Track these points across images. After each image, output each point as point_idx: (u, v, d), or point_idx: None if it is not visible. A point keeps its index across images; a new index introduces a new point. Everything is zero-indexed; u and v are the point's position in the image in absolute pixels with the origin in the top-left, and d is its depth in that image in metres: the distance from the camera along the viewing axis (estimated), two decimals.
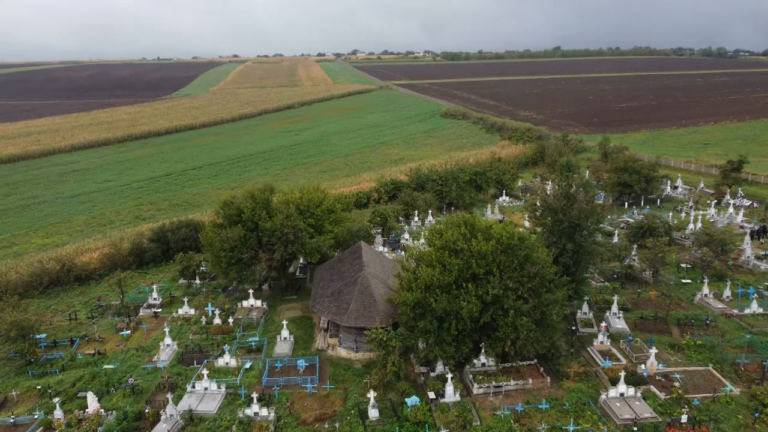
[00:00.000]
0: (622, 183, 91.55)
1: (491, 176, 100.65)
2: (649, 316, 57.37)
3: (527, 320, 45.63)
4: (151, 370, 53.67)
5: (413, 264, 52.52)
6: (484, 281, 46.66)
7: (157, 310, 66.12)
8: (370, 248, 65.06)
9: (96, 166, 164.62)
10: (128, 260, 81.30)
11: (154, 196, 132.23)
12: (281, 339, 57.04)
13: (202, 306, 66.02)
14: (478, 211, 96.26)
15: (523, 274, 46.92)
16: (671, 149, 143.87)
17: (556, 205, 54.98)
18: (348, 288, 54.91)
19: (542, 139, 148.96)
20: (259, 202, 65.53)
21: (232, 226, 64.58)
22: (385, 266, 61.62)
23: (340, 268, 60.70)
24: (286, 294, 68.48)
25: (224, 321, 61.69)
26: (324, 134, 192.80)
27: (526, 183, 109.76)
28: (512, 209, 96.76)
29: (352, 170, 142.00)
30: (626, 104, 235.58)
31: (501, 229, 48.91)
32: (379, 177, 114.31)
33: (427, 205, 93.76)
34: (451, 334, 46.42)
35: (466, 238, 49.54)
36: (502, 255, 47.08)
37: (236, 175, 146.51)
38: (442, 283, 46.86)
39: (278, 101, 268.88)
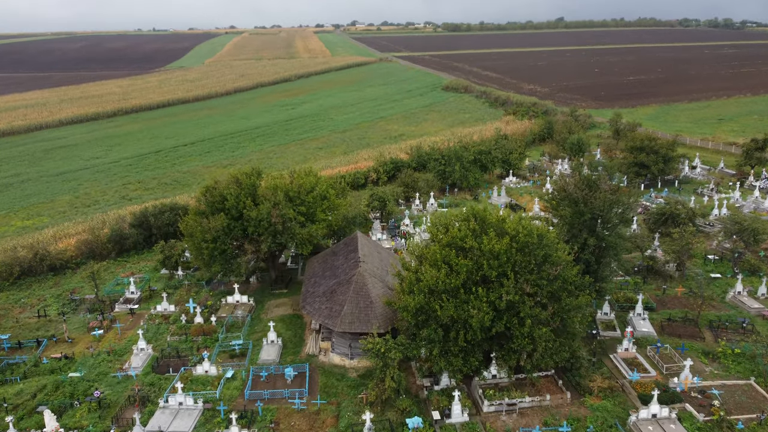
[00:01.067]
0: (639, 163, 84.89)
1: (497, 155, 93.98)
2: (678, 317, 51.34)
3: (546, 330, 39.58)
4: (122, 379, 47.81)
5: (415, 262, 46.23)
6: (496, 285, 40.46)
7: (133, 306, 60.08)
8: (367, 239, 58.76)
9: (83, 142, 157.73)
10: (107, 248, 75.14)
11: (142, 174, 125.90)
12: (268, 342, 51.11)
13: (183, 301, 60.00)
14: (483, 194, 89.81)
15: (542, 277, 40.72)
16: (684, 125, 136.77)
17: (576, 194, 48.48)
18: (342, 287, 48.76)
19: (549, 115, 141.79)
20: (244, 188, 59.09)
21: (215, 214, 58.26)
22: (383, 260, 55.42)
23: (334, 262, 54.48)
24: (276, 287, 62.40)
25: (206, 320, 55.73)
26: (321, 108, 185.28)
27: (533, 162, 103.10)
28: (520, 191, 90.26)
29: (349, 147, 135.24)
30: (633, 77, 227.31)
31: (516, 225, 42.52)
32: (378, 155, 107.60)
33: (428, 187, 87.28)
34: (458, 345, 40.42)
35: (475, 234, 43.23)
36: (517, 255, 40.80)
37: (229, 152, 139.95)
38: (448, 286, 40.69)
39: (274, 74, 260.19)
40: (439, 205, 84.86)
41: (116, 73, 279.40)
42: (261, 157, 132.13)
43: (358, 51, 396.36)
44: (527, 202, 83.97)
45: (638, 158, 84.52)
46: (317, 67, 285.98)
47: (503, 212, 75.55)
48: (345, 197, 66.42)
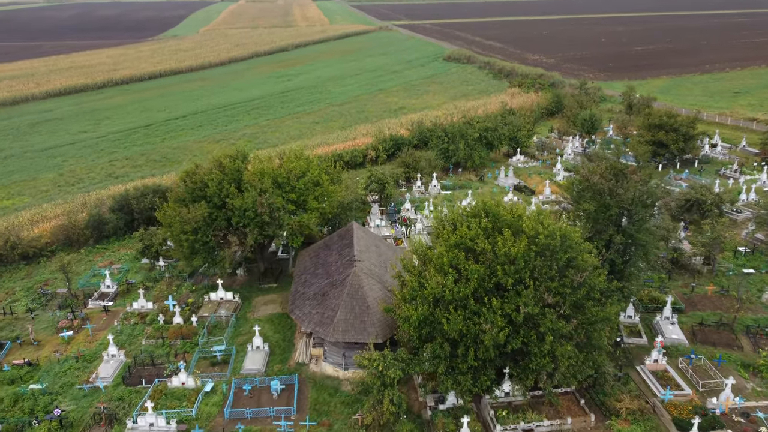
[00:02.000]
0: (657, 142, 78.50)
1: (504, 132, 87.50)
2: (711, 321, 45.77)
3: (570, 347, 34.01)
4: (89, 392, 42.48)
5: (418, 262, 40.37)
6: (512, 294, 34.74)
7: (107, 304, 54.49)
8: (364, 230, 52.84)
9: (71, 115, 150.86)
10: (84, 234, 69.29)
11: (130, 150, 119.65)
12: (253, 348, 45.65)
13: (163, 298, 54.47)
14: (489, 174, 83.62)
15: (565, 284, 34.97)
16: (698, 99, 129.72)
17: (602, 185, 42.37)
18: (335, 289, 43.05)
19: (556, 87, 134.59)
20: (228, 174, 53.02)
21: (196, 202, 52.35)
22: (382, 254, 49.63)
23: (327, 258, 48.69)
24: (264, 281, 56.76)
25: (186, 320, 50.26)
26: (319, 80, 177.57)
27: (541, 139, 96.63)
28: (528, 171, 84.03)
29: (347, 121, 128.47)
30: (642, 47, 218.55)
31: (535, 223, 36.60)
32: (377, 131, 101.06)
33: (431, 167, 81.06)
34: (468, 363, 34.89)
35: (487, 234, 37.36)
36: (537, 259, 34.99)
37: (222, 126, 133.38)
38: (456, 296, 34.97)
39: (271, 43, 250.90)
40: (442, 187, 78.81)
41: (107, 42, 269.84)
42: (255, 132, 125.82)
43: (357, 19, 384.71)
44: (537, 184, 77.87)
45: (656, 136, 78.12)
46: (315, 36, 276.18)
47: (512, 195, 69.60)
48: (340, 182, 60.32)
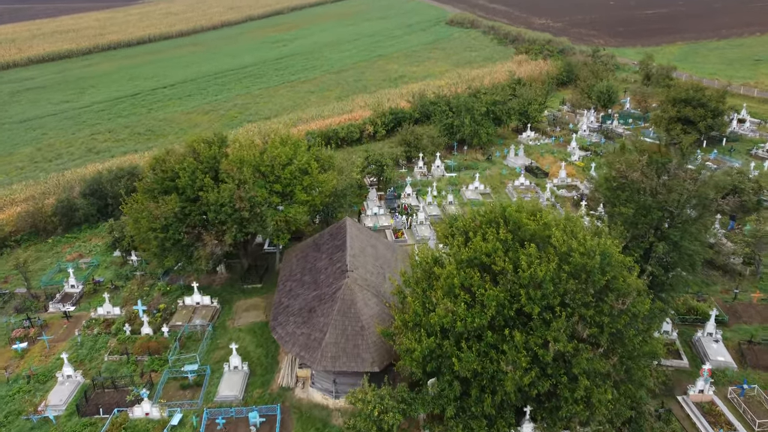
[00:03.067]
0: (683, 119, 70.88)
1: (513, 106, 79.74)
2: (762, 338, 39.14)
3: (609, 390, 27.47)
4: (37, 424, 36.16)
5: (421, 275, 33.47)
6: (538, 324, 28.03)
7: (69, 308, 47.89)
8: (358, 227, 45.77)
9: (54, 84, 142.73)
10: (53, 221, 62.36)
11: (114, 122, 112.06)
12: (230, 369, 39.20)
13: (133, 301, 47.88)
14: (497, 153, 76.16)
15: (602, 311, 28.23)
16: (717, 67, 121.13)
17: (645, 183, 35.16)
18: (323, 305, 36.28)
19: (566, 54, 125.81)
20: (203, 162, 45.80)
21: (168, 194, 45.33)
22: (379, 257, 42.75)
23: (316, 262, 41.80)
24: (248, 281, 50.07)
25: (156, 330, 43.79)
26: (315, 46, 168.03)
27: (553, 112, 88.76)
28: (540, 149, 76.57)
29: (344, 91, 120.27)
30: (652, 11, 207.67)
31: (567, 237, 29.60)
32: (376, 104, 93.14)
33: (434, 146, 73.58)
34: (483, 408, 28.40)
35: (507, 247, 30.43)
36: (570, 282, 28.16)
37: (212, 96, 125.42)
38: (469, 326, 28.27)
39: (266, 5, 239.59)
40: (446, 168, 71.51)
41: (95, 5, 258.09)
42: (247, 102, 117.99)
43: None
44: (550, 165, 70.56)
45: (682, 112, 70.50)
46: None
47: (524, 180, 62.36)
48: (333, 168, 53.03)
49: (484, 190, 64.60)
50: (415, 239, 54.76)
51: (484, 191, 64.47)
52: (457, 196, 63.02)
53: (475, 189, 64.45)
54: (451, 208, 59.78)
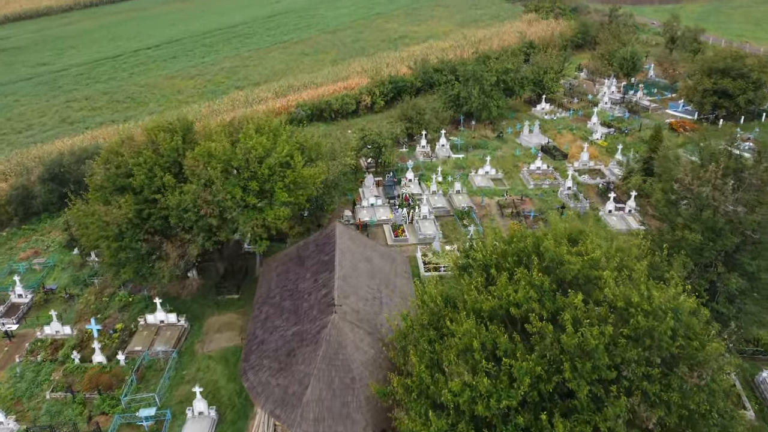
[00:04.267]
0: (719, 91, 62.26)
1: (527, 75, 70.84)
2: None
3: None
4: None
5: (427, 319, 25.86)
6: (586, 403, 20.65)
7: (12, 327, 40.53)
8: (350, 236, 37.95)
9: (30, 44, 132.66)
10: (7, 211, 54.63)
11: (92, 88, 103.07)
12: (194, 415, 32.07)
13: (87, 316, 40.56)
14: (509, 129, 67.67)
15: (671, 386, 20.85)
16: (744, 28, 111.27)
17: (717, 200, 27.18)
18: (305, 347, 28.81)
19: (579, 13, 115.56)
20: (163, 155, 37.71)
21: (124, 194, 37.49)
22: (375, 275, 35.10)
23: (298, 282, 34.20)
24: (223, 290, 42.58)
25: (111, 357, 36.58)
26: (310, 2, 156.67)
27: (569, 81, 79.72)
28: (557, 124, 68.06)
29: (340, 53, 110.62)
30: None
31: (624, 288, 21.90)
32: (374, 69, 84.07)
33: (438, 121, 65.13)
34: None
35: (542, 292, 22.79)
36: (629, 348, 20.67)
37: (198, 58, 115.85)
38: (494, 407, 20.89)
39: None
40: (451, 147, 63.19)
41: None
42: (235, 66, 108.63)
43: None
44: (569, 144, 62.23)
45: (719, 84, 61.82)
46: None
47: (540, 163, 54.32)
48: (322, 158, 44.79)
49: (496, 174, 56.55)
50: (417, 237, 47.08)
51: (496, 176, 56.43)
52: (466, 183, 55.01)
53: (485, 174, 56.38)
54: (458, 198, 51.83)
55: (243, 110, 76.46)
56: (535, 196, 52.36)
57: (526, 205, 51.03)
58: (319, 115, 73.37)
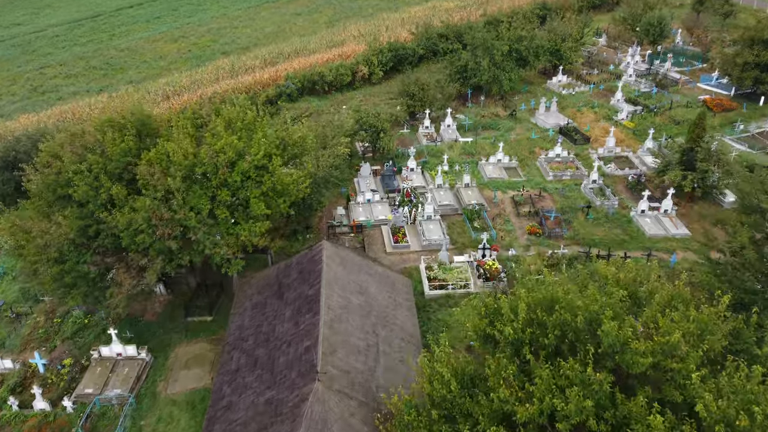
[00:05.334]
0: (763, 65, 54.50)
1: (543, 44, 62.74)
2: None
3: None
4: None
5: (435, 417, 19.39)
6: None
7: None
8: (340, 257, 31.19)
9: (5, 2, 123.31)
10: None
11: (69, 52, 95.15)
12: None
13: (34, 344, 34.28)
14: (523, 105, 60.07)
15: None
16: None
17: None
18: (279, 425, 22.43)
19: None
20: (114, 160, 30.64)
21: (65, 205, 30.69)
22: (372, 310, 28.51)
23: (275, 324, 27.64)
24: (194, 310, 36.07)
25: (56, 403, 30.40)
26: None
27: (587, 48, 71.44)
28: (575, 101, 60.41)
29: (336, 13, 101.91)
30: None
31: (729, 403, 15.34)
32: (372, 35, 75.89)
33: (444, 98, 57.59)
34: None
35: (600, 397, 16.22)
36: None
37: (184, 18, 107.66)
38: None
39: None
40: (459, 128, 55.81)
41: None
42: (222, 27, 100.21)
43: None
44: (591, 125, 54.83)
45: (762, 57, 54.05)
46: None
47: (561, 149, 47.15)
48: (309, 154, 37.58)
49: (510, 163, 49.42)
50: (420, 242, 40.35)
51: (510, 164, 49.32)
52: (475, 174, 47.99)
53: (497, 162, 49.24)
54: (467, 193, 44.87)
55: (227, 82, 68.75)
56: (555, 191, 45.38)
57: (545, 203, 44.15)
58: (310, 89, 65.65)
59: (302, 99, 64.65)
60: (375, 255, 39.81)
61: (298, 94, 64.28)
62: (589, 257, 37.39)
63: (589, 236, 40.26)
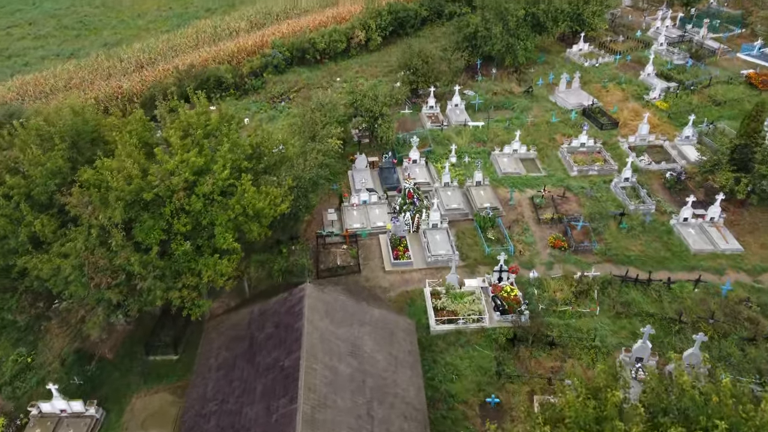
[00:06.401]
0: None
1: (563, 7, 54.71)
2: None
3: None
4: None
5: None
6: None
7: None
8: (326, 306, 24.80)
9: None
10: None
11: (39, 9, 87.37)
12: None
13: None
14: (540, 80, 52.66)
15: None
16: None
17: None
18: None
19: None
20: (39, 184, 23.95)
21: None
22: (365, 381, 22.42)
23: (242, 404, 21.36)
24: (157, 347, 30.02)
25: None
26: None
27: (610, 11, 63.17)
28: (599, 74, 52.96)
29: None
30: None
31: None
32: None
33: (451, 72, 50.21)
34: None
35: None
36: None
37: None
38: None
39: None
40: (466, 106, 48.65)
41: None
42: None
43: None
44: (618, 105, 47.64)
45: None
46: None
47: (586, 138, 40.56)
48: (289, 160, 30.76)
49: (527, 153, 42.59)
50: (425, 259, 34.04)
51: (527, 155, 42.50)
52: (488, 168, 41.26)
53: (512, 153, 42.39)
54: (479, 193, 38.25)
55: (207, 49, 60.99)
56: (580, 191, 38.72)
57: (570, 205, 37.58)
58: (300, 58, 58.00)
59: (290, 70, 57.10)
60: (371, 274, 33.61)
61: (285, 64, 56.65)
62: (624, 282, 31.21)
63: (623, 251, 33.94)
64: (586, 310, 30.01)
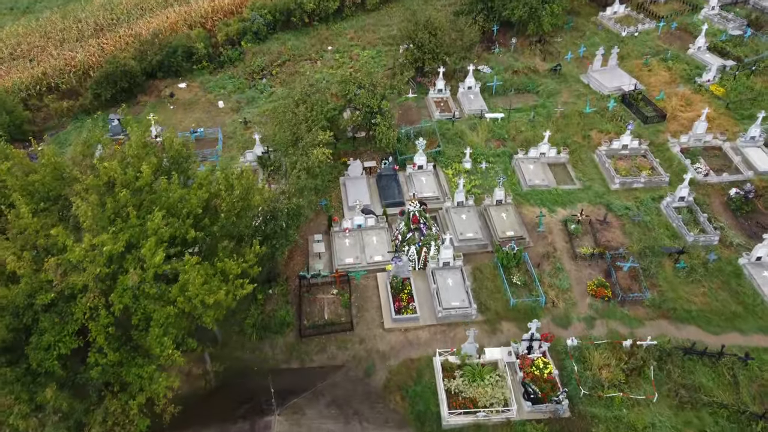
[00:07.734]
0: None
1: None
2: None
3: None
4: None
5: None
6: None
7: None
8: None
9: None
10: None
11: None
12: None
13: None
14: (569, 55, 43.76)
15: None
16: None
17: None
18: None
19: None
20: None
21: None
22: None
23: None
24: None
25: None
26: None
27: None
28: (638, 46, 44.04)
29: None
30: None
31: None
32: None
33: (465, 46, 41.37)
34: None
35: None
36: None
37: None
38: None
39: None
40: (482, 89, 40.20)
41: None
42: None
43: None
44: (665, 91, 39.04)
45: None
46: None
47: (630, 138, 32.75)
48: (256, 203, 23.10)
49: (557, 157, 34.65)
50: (434, 313, 26.91)
51: (557, 160, 34.60)
52: (510, 179, 33.45)
53: (538, 159, 34.44)
54: (500, 216, 30.66)
55: (178, 9, 51.57)
56: (625, 212, 31.10)
57: (613, 233, 30.07)
58: (285, 22, 48.80)
59: (273, 37, 48.00)
60: (367, 332, 26.61)
61: (267, 30, 47.51)
62: (688, 355, 24.26)
63: (681, 303, 26.77)
64: (641, 397, 23.21)
